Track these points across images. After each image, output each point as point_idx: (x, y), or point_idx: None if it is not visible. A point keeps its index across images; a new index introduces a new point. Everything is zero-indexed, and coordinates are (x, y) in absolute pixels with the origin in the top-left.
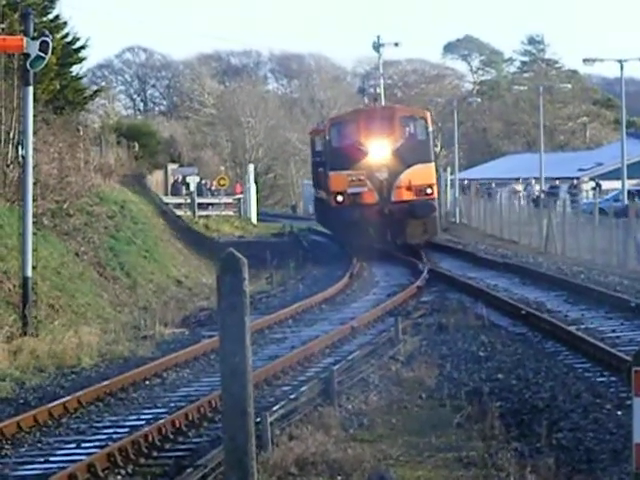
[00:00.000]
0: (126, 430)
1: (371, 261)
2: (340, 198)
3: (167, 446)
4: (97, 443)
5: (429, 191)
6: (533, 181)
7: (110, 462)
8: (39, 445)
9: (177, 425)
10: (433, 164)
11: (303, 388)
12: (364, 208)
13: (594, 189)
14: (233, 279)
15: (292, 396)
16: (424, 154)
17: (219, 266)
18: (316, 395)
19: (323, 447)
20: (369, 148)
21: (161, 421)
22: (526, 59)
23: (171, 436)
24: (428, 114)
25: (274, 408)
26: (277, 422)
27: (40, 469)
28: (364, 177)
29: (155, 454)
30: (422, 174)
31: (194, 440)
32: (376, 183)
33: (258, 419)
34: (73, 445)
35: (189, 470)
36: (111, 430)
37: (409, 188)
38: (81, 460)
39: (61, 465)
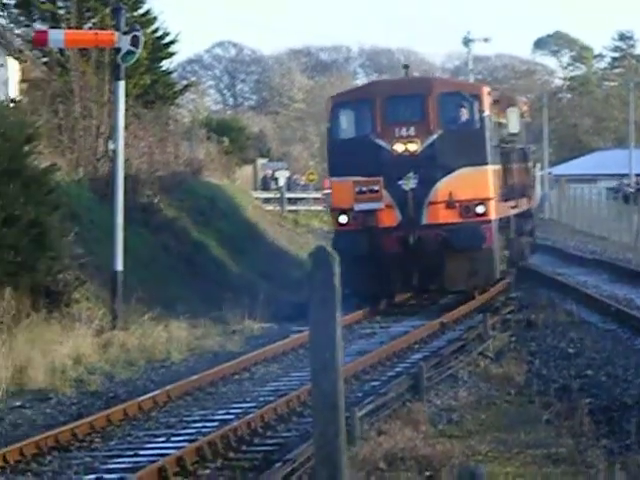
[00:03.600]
0: (215, 424)
1: None
2: (343, 218)
3: (256, 440)
4: (186, 437)
5: (481, 210)
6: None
7: (199, 456)
8: (129, 439)
9: (266, 419)
10: (489, 168)
11: (392, 383)
12: (378, 235)
13: None
14: (324, 274)
15: (381, 391)
16: (475, 152)
17: (310, 261)
18: (405, 390)
19: (412, 443)
20: (389, 142)
21: (250, 415)
22: (616, 55)
23: (260, 430)
24: (485, 90)
25: (363, 403)
26: (366, 417)
27: (130, 462)
28: (380, 187)
29: (244, 448)
30: (471, 183)
31: (283, 434)
32: (398, 196)
33: (347, 414)
34: (163, 439)
35: (278, 464)
36: (200, 424)
37: (450, 205)
38: (170, 454)
39: (151, 459)
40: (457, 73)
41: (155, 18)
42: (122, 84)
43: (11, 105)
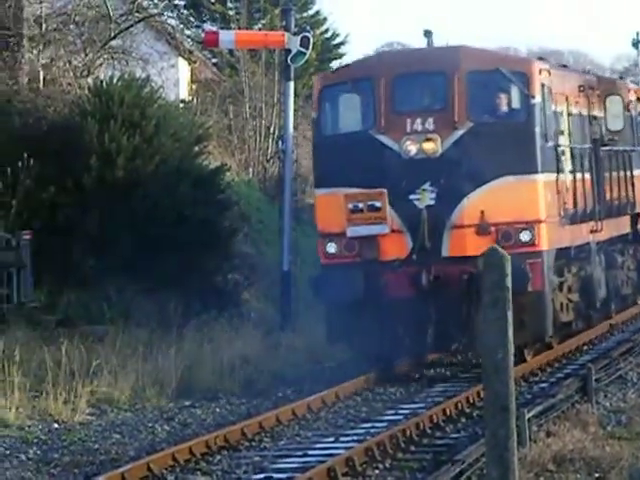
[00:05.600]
0: (384, 425)
1: None
2: (332, 247)
3: (425, 441)
4: (355, 437)
5: (526, 237)
6: None
7: (368, 456)
8: (297, 438)
9: (435, 420)
10: (541, 178)
11: (560, 385)
12: (380, 271)
13: None
14: (495, 275)
15: (550, 393)
16: (520, 155)
17: (483, 262)
18: (573, 392)
19: (580, 444)
20: (397, 139)
21: (419, 416)
22: None
23: (429, 431)
24: (535, 67)
25: (532, 405)
26: (535, 418)
27: (299, 462)
28: (383, 203)
29: (413, 449)
30: (513, 199)
31: (452, 436)
32: (409, 217)
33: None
34: (331, 439)
35: (447, 465)
36: (369, 424)
37: (482, 230)
38: (339, 454)
39: (320, 459)
40: (626, 74)
41: (325, 19)
42: (292, 85)
43: (181, 106)
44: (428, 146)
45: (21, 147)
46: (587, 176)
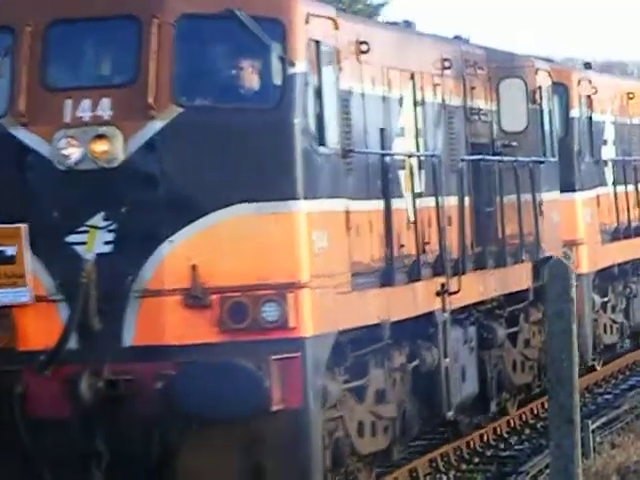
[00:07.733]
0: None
1: None
2: None
3: (489, 453)
4: (419, 449)
5: (273, 313)
6: None
7: (432, 467)
8: None
9: (498, 432)
10: (303, 208)
11: (625, 397)
12: (16, 373)
13: None
14: (560, 286)
15: (614, 404)
16: (265, 167)
17: (547, 273)
18: (638, 404)
19: None
20: (47, 137)
21: (483, 429)
22: None
23: (493, 443)
24: (298, 10)
25: (596, 416)
26: (599, 430)
27: None
28: (19, 249)
29: (477, 460)
30: (251, 245)
31: (516, 447)
32: (66, 275)
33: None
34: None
35: (511, 477)
36: (429, 435)
37: (193, 300)
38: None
39: (384, 470)
40: None
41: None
42: None
43: None
44: (100, 148)
45: None
46: (449, 203)
